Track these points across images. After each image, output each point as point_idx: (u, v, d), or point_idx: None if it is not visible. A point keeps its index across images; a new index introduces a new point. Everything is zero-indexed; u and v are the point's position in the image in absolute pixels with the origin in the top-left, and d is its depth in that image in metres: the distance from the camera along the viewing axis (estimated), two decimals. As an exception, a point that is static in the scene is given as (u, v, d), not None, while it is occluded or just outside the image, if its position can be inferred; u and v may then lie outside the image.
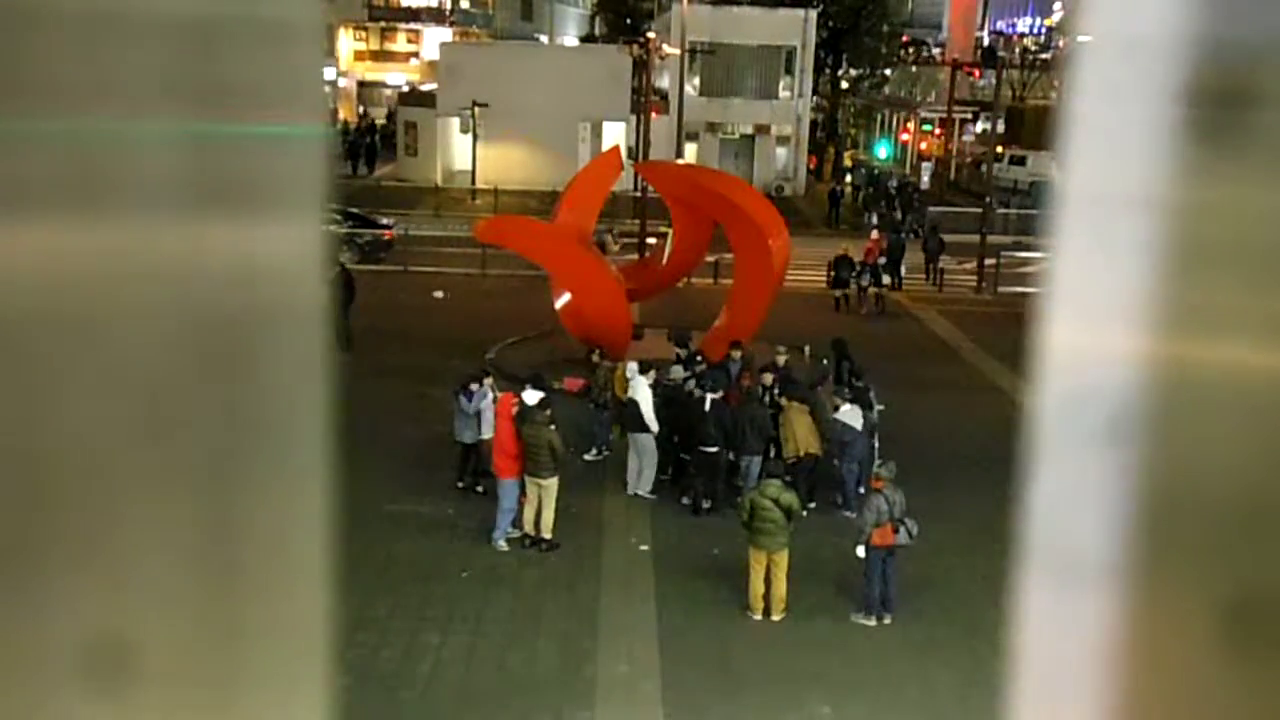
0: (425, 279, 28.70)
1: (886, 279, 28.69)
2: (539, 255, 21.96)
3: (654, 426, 15.94)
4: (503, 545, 14.39)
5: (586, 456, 17.07)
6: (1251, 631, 0.71)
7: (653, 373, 16.56)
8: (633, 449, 16.14)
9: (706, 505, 15.58)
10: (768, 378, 17.10)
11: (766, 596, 12.96)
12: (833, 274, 28.45)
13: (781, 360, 17.84)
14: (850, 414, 15.82)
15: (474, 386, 15.91)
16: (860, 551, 12.84)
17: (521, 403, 14.59)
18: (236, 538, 0.77)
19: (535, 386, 14.95)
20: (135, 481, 0.73)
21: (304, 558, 0.79)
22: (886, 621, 12.86)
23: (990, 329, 25.51)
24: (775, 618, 12.92)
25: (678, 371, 17.13)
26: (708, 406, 15.54)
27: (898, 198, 41.59)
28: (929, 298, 30.10)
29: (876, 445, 15.48)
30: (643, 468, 16.06)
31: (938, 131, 57.36)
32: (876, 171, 49.62)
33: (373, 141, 51.81)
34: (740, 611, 12.99)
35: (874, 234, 31.60)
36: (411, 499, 15.56)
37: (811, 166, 51.42)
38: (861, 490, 15.78)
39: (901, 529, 12.77)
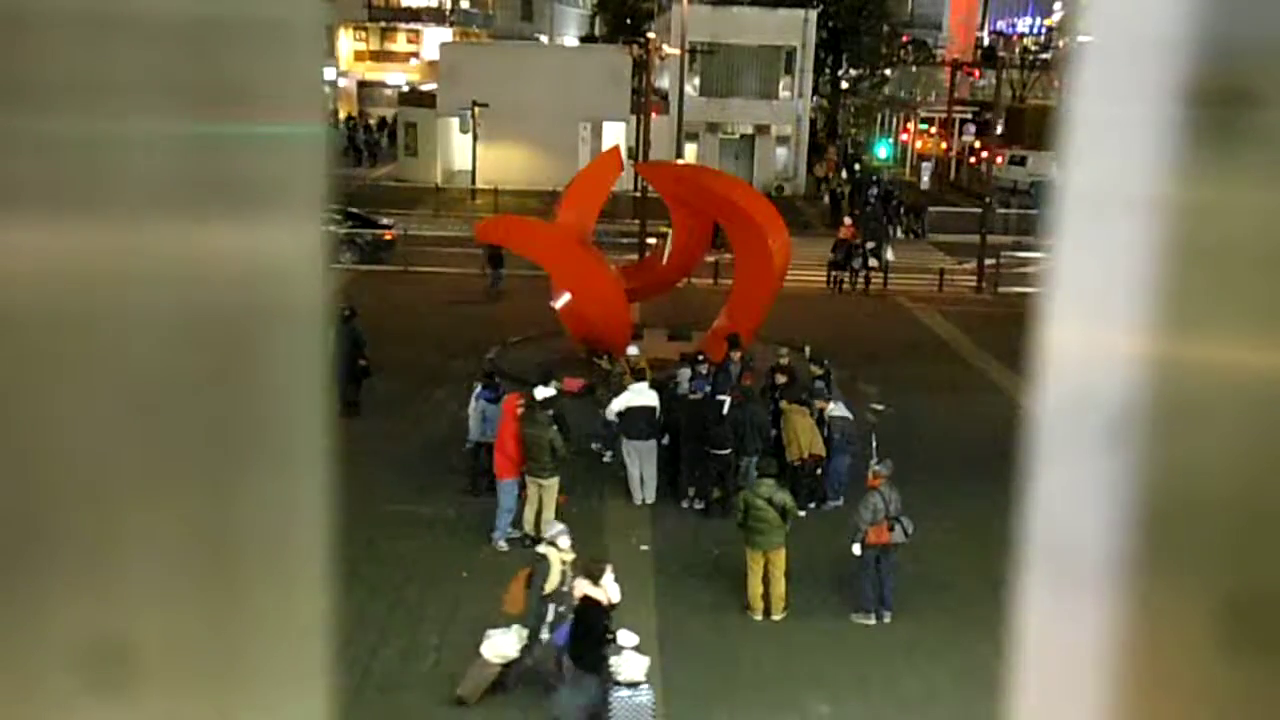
0: (425, 279, 28.71)
1: (874, 261, 30.74)
2: (539, 255, 21.96)
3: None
4: (503, 545, 14.39)
5: (605, 459, 17.03)
6: (1251, 631, 0.71)
7: (686, 378, 16.56)
8: (634, 457, 15.89)
9: (716, 496, 15.56)
10: (780, 378, 17.08)
11: (766, 596, 12.96)
12: (832, 257, 30.72)
13: (784, 362, 17.85)
14: (839, 408, 16.03)
15: (499, 381, 15.99)
16: (856, 549, 12.85)
17: (531, 400, 14.63)
18: (236, 538, 0.77)
19: (546, 384, 14.98)
20: (135, 481, 0.73)
21: (304, 558, 0.79)
22: (886, 620, 12.86)
23: (990, 329, 25.50)
24: (776, 617, 12.93)
25: (684, 374, 17.08)
26: (725, 409, 15.49)
27: (879, 204, 40.60)
28: (929, 297, 30.12)
29: (875, 444, 15.51)
30: (645, 476, 15.90)
31: (933, 131, 57.33)
32: (862, 175, 48.86)
33: (374, 138, 52.57)
34: (740, 611, 12.99)
35: (847, 220, 33.47)
36: (412, 499, 15.56)
37: (829, 174, 49.97)
38: (841, 471, 15.85)
39: (897, 527, 12.78)
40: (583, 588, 10.76)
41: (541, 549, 11.49)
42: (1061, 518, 0.77)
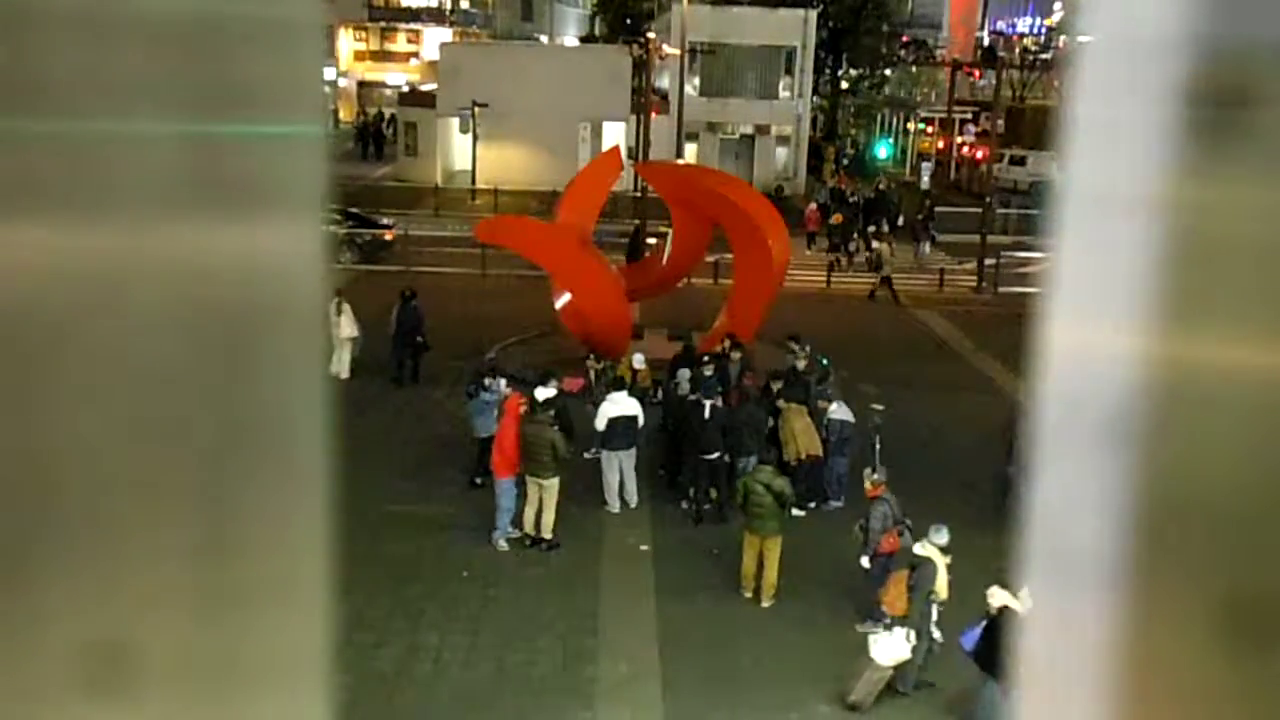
0: (425, 279, 28.66)
1: (876, 244, 32.06)
2: (539, 255, 21.95)
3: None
4: (503, 545, 14.39)
5: (587, 454, 17.01)
6: (1251, 631, 0.71)
7: (685, 379, 16.51)
8: (613, 465, 15.63)
9: (706, 506, 15.53)
10: (776, 385, 17.01)
11: (758, 578, 13.15)
12: (829, 242, 32.39)
13: (802, 364, 17.71)
14: (841, 411, 15.99)
15: (489, 382, 15.94)
16: (865, 562, 12.81)
17: (532, 400, 14.62)
18: (236, 538, 0.77)
19: (545, 384, 14.96)
20: (135, 481, 0.73)
21: (304, 557, 0.79)
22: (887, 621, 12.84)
23: (990, 329, 25.50)
24: (765, 603, 13.11)
25: (683, 375, 17.03)
26: (707, 414, 15.41)
27: (862, 214, 39.26)
28: (929, 297, 30.11)
29: (878, 450, 15.50)
30: (626, 482, 15.73)
31: (929, 131, 57.27)
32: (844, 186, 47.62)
33: (379, 131, 54.18)
34: (741, 610, 13.01)
35: (812, 204, 34.92)
36: (412, 499, 15.56)
37: (842, 185, 48.21)
38: (841, 473, 15.83)
39: (905, 532, 12.79)
40: (1001, 598, 10.77)
41: (921, 550, 11.55)
42: (1062, 518, 0.77)
